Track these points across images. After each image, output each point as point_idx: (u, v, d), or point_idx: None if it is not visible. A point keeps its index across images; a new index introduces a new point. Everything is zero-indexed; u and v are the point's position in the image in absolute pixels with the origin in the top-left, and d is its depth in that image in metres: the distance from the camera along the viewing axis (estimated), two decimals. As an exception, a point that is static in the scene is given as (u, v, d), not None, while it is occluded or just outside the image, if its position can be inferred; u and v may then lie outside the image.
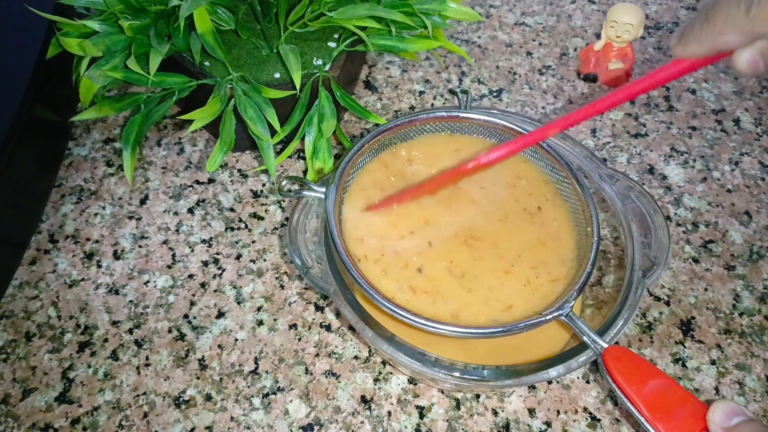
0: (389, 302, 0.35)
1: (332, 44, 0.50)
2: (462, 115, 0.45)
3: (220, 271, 0.46)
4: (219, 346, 0.43)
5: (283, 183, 0.40)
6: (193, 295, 0.45)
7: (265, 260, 0.47)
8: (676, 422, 0.32)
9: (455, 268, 0.39)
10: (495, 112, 0.45)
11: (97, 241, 0.47)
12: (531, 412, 0.40)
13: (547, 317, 0.35)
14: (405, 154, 0.45)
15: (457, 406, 0.40)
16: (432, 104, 0.57)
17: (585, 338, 0.35)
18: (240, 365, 0.42)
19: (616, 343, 0.36)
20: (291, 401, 0.40)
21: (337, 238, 0.38)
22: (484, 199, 0.43)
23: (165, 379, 0.41)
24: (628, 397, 0.33)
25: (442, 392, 0.41)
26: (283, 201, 0.50)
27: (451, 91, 0.56)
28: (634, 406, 0.33)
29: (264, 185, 0.51)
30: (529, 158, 0.45)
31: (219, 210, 0.49)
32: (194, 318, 0.44)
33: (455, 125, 0.45)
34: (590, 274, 0.37)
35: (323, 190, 0.40)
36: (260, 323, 0.44)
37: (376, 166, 0.44)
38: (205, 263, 0.47)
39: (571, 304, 0.36)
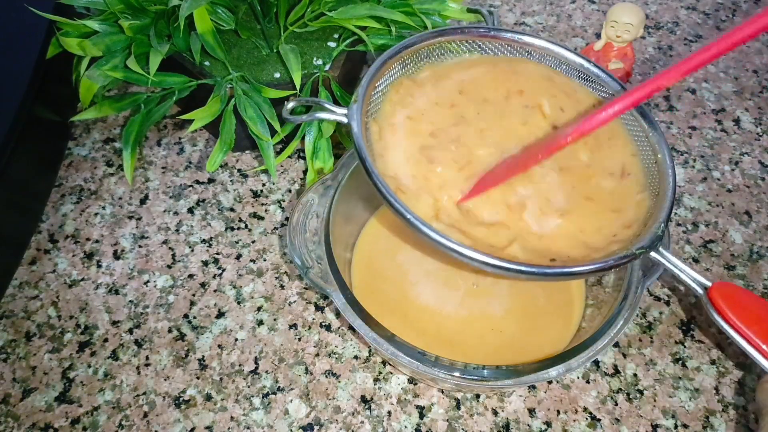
0: (443, 236, 0.31)
1: (332, 44, 0.50)
2: (493, 32, 0.39)
3: (220, 271, 0.46)
4: (219, 346, 0.43)
5: (290, 105, 0.33)
6: (193, 295, 0.45)
7: (265, 260, 0.47)
8: None
9: (507, 202, 0.35)
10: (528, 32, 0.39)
11: (97, 241, 0.47)
12: (531, 412, 0.40)
13: (636, 251, 0.31)
14: (430, 75, 0.39)
15: (457, 406, 0.40)
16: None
17: (684, 276, 0.32)
18: (240, 365, 0.42)
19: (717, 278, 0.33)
20: (291, 401, 0.41)
21: (369, 163, 0.32)
22: (531, 132, 0.38)
23: (165, 379, 0.41)
24: (740, 333, 0.31)
25: (442, 392, 0.41)
26: (284, 201, 0.50)
27: (474, 10, 0.47)
28: (749, 341, 0.31)
29: (264, 185, 0.51)
30: (578, 85, 0.40)
31: (219, 210, 0.49)
32: (194, 318, 0.44)
33: (486, 45, 0.40)
34: (672, 204, 0.33)
35: (344, 111, 0.34)
36: (260, 323, 0.44)
37: (401, 88, 0.38)
38: (205, 263, 0.47)
39: (661, 238, 0.32)
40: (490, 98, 0.39)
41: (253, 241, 0.48)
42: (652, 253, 0.32)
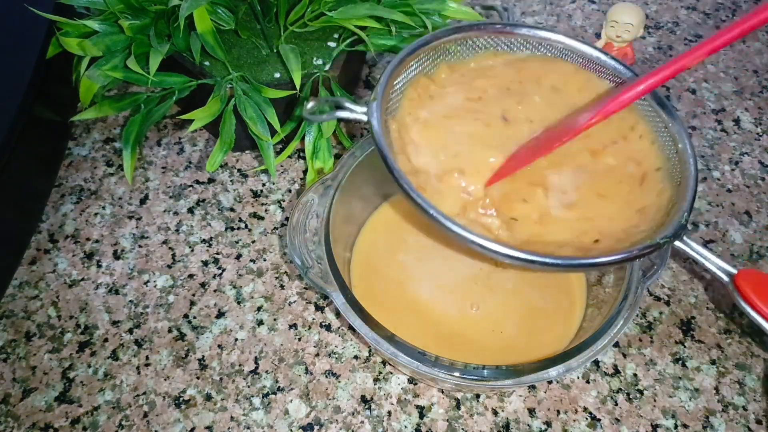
0: (466, 229, 0.31)
1: (332, 44, 0.50)
2: (509, 28, 0.39)
3: (220, 271, 0.46)
4: (219, 346, 0.43)
5: (310, 106, 0.33)
6: (193, 295, 0.45)
7: (265, 260, 0.47)
8: None
9: (529, 195, 0.35)
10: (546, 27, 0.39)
11: (97, 241, 0.47)
12: (531, 412, 0.40)
13: (660, 241, 0.31)
14: (449, 72, 0.39)
15: (457, 406, 0.40)
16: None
17: (709, 265, 0.32)
18: (240, 365, 0.42)
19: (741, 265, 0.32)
20: (291, 401, 0.41)
21: (391, 161, 0.32)
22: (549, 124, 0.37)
23: (165, 379, 0.41)
24: None
25: (442, 392, 0.41)
26: (284, 201, 0.50)
27: (489, 7, 0.46)
28: None
29: (264, 185, 0.51)
30: (598, 77, 0.40)
31: (219, 210, 0.49)
32: (194, 318, 0.44)
33: (502, 41, 0.39)
34: (695, 193, 0.33)
35: (364, 110, 0.34)
36: (260, 323, 0.44)
37: (419, 87, 0.38)
38: (205, 263, 0.47)
39: (684, 227, 0.32)
40: (514, 91, 0.39)
41: (253, 241, 0.48)
42: (677, 242, 0.32)
